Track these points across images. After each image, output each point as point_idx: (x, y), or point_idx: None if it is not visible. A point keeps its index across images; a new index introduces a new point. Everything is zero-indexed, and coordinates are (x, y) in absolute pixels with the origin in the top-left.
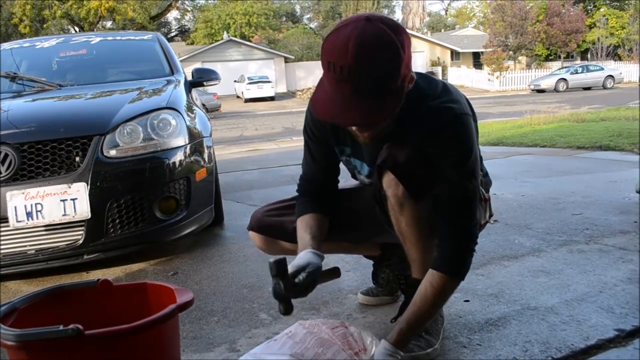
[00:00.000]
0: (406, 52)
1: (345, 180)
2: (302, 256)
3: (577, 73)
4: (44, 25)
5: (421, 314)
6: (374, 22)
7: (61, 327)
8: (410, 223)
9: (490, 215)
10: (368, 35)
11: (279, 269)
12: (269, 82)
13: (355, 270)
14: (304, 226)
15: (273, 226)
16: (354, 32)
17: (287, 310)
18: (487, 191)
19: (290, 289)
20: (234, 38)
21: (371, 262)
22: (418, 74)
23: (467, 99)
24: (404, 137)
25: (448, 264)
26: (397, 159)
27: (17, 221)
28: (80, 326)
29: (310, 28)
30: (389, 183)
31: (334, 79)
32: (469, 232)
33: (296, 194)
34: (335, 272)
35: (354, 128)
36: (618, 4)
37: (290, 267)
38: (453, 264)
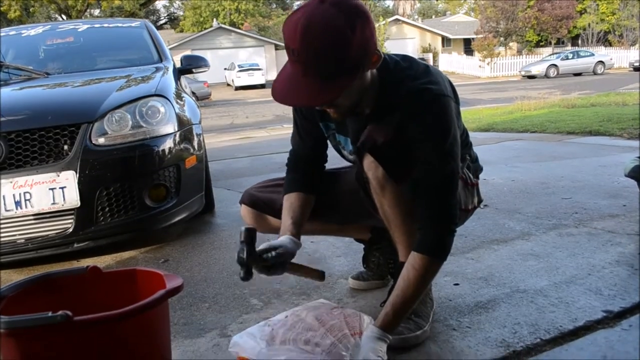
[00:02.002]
0: (357, 34)
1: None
2: (280, 239)
3: (567, 59)
4: (31, 10)
5: (405, 297)
6: (325, 5)
7: (50, 314)
8: (393, 205)
9: (479, 201)
10: (314, 19)
11: (247, 236)
12: (259, 69)
13: (345, 255)
14: (288, 207)
15: (263, 202)
16: (302, 16)
17: (246, 276)
18: (477, 177)
19: (254, 259)
20: (223, 25)
21: (361, 247)
22: (401, 55)
23: (450, 82)
24: (383, 117)
25: (429, 246)
26: (375, 141)
27: (6, 210)
28: (69, 312)
29: None
30: (369, 165)
31: (290, 60)
32: (449, 213)
33: (287, 164)
34: (319, 275)
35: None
36: None
37: (265, 244)
38: (434, 246)
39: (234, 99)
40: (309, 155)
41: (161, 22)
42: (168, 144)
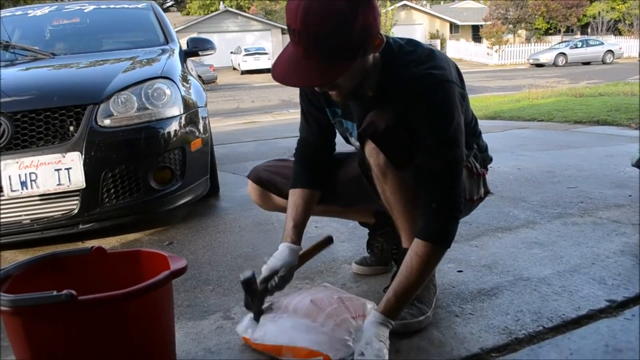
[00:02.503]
0: (359, 18)
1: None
2: (279, 253)
3: (576, 47)
4: None
5: (408, 283)
6: None
7: (55, 293)
8: (395, 191)
9: (486, 192)
10: (316, 1)
11: (247, 287)
12: (265, 53)
13: (349, 240)
14: (292, 205)
15: (267, 180)
16: None
17: (256, 317)
18: (485, 167)
19: (260, 298)
20: (230, 9)
21: (365, 232)
22: (406, 39)
23: (456, 66)
24: (386, 101)
25: (432, 233)
26: (377, 127)
27: (12, 190)
28: (73, 292)
29: None
30: (371, 152)
31: (292, 41)
32: (452, 200)
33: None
34: (327, 242)
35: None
36: None
37: (266, 270)
38: (437, 233)
39: (240, 83)
40: (316, 142)
41: (167, 4)
42: (174, 127)
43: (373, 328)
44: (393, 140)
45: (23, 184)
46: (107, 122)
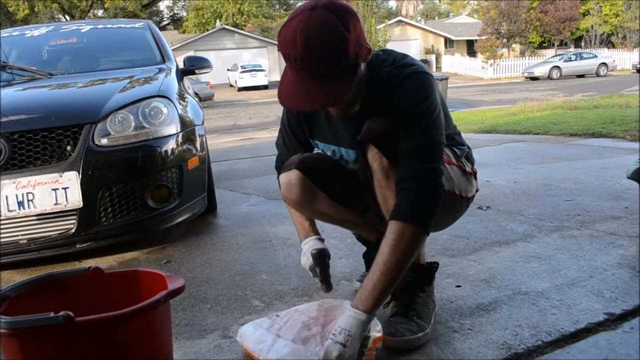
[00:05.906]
0: (352, 32)
1: None
2: (315, 244)
3: (570, 61)
4: (35, 9)
5: (382, 273)
6: (317, 10)
7: (52, 314)
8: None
9: (476, 190)
10: (312, 25)
11: (322, 260)
12: (262, 70)
13: (347, 257)
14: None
15: (320, 171)
16: (300, 24)
17: (328, 289)
18: (472, 163)
19: (327, 274)
20: (226, 26)
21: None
22: (382, 50)
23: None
24: (373, 106)
25: (404, 212)
26: (374, 130)
27: (9, 211)
28: (70, 313)
29: None
30: (374, 157)
31: (292, 68)
32: (428, 175)
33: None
34: None
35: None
36: None
37: (317, 254)
38: (410, 211)
39: (236, 100)
40: None
41: (164, 23)
42: (171, 145)
43: (342, 322)
44: (391, 139)
45: (20, 204)
46: (104, 141)
